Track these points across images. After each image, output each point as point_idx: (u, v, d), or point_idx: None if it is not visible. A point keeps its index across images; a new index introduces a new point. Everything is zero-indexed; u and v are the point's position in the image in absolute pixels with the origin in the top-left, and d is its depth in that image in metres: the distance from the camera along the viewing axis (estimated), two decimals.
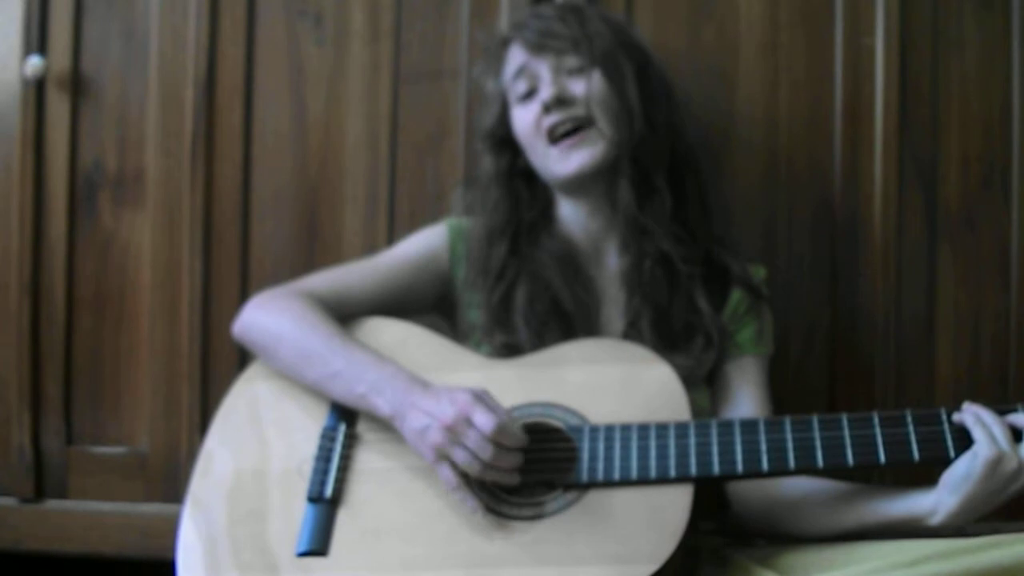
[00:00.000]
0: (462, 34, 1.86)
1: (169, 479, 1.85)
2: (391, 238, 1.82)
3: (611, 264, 1.62)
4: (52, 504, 1.88)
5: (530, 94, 1.59)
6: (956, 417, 1.32)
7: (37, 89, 1.88)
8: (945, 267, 1.81)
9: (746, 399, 1.57)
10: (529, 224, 1.62)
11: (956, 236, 1.81)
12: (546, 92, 1.55)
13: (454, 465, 1.34)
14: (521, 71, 1.59)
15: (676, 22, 1.84)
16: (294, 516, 1.40)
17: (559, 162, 1.56)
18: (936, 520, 1.30)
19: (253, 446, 1.49)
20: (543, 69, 1.57)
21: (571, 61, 1.57)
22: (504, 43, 1.64)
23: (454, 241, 1.65)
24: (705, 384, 1.57)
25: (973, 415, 1.31)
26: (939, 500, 1.30)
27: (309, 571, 1.36)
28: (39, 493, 1.88)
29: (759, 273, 1.66)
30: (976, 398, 1.75)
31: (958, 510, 1.28)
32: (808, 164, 1.83)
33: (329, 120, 1.87)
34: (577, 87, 1.56)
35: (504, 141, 1.65)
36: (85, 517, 1.85)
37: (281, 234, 1.88)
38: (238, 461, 1.48)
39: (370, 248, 1.79)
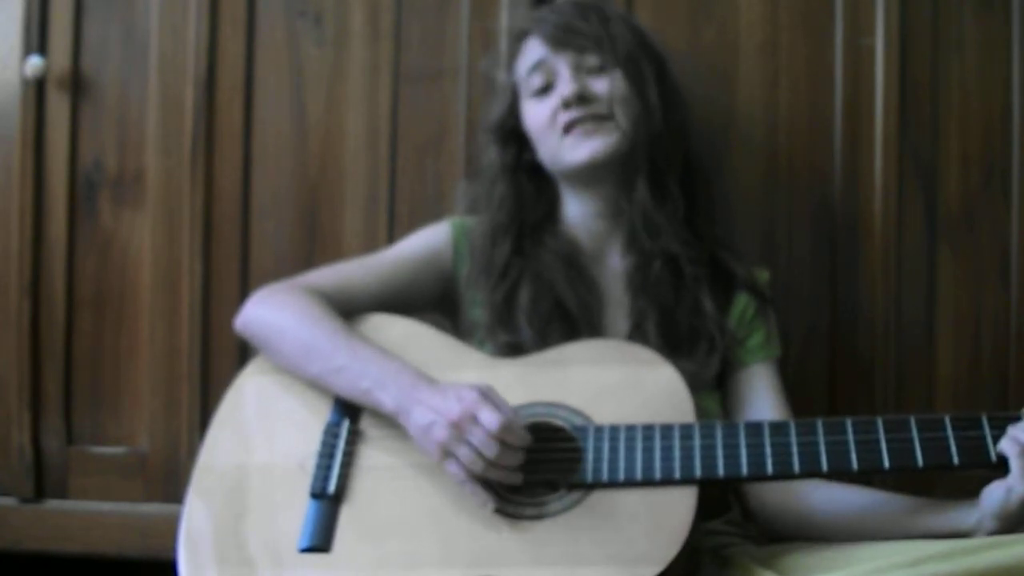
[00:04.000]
0: (462, 34, 1.86)
1: (169, 479, 1.85)
2: (391, 238, 1.82)
3: (614, 265, 1.62)
4: (52, 504, 1.88)
5: (546, 89, 1.59)
6: (1000, 448, 1.28)
7: (37, 89, 1.88)
8: (945, 267, 1.81)
9: (764, 405, 1.57)
10: (533, 223, 1.62)
11: (956, 236, 1.81)
12: (567, 88, 1.55)
13: (459, 461, 1.34)
14: (538, 65, 1.59)
15: (676, 22, 1.85)
16: (296, 512, 1.40)
17: (572, 150, 1.56)
18: (979, 535, 1.28)
19: (255, 441, 1.49)
20: (562, 65, 1.57)
21: (591, 59, 1.57)
22: (521, 35, 1.64)
23: (457, 239, 1.65)
24: (714, 389, 1.57)
25: (1018, 446, 1.26)
26: (981, 521, 1.29)
27: (311, 567, 1.35)
28: (39, 493, 1.88)
29: (762, 276, 1.66)
30: (976, 398, 1.76)
31: (999, 531, 1.27)
32: (808, 164, 1.83)
33: (329, 120, 1.88)
34: (598, 85, 1.56)
35: (512, 133, 1.65)
36: (85, 517, 1.85)
37: (281, 234, 1.88)
38: (240, 456, 1.48)
39: (370, 248, 1.78)
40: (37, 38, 1.88)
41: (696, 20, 1.84)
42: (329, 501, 1.40)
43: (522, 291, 1.57)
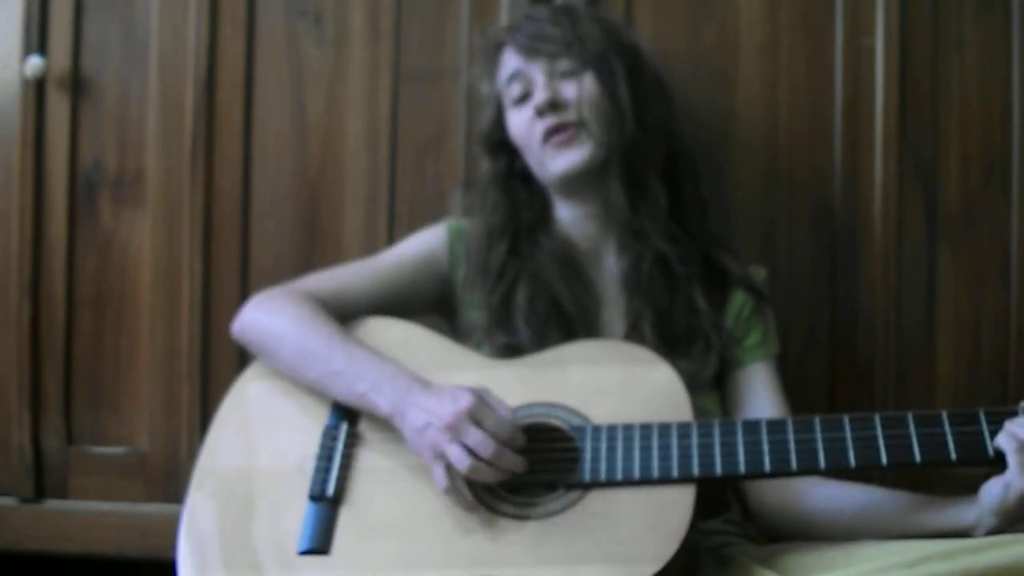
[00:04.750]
0: (462, 34, 1.86)
1: (169, 479, 1.85)
2: (391, 238, 1.83)
3: (610, 265, 1.62)
4: (52, 504, 1.88)
5: (524, 98, 1.59)
6: (997, 443, 1.28)
7: (37, 89, 1.88)
8: (945, 267, 1.81)
9: (762, 404, 1.57)
10: (528, 225, 1.62)
11: (956, 236, 1.81)
12: (539, 96, 1.56)
13: (449, 465, 1.34)
14: (515, 75, 1.60)
15: (676, 23, 1.85)
16: (295, 514, 1.40)
17: (551, 160, 1.57)
18: (979, 533, 1.29)
19: (254, 444, 1.50)
20: (536, 73, 1.58)
21: (564, 64, 1.57)
22: (498, 47, 1.65)
23: (453, 242, 1.66)
24: (712, 388, 1.57)
25: (1015, 442, 1.26)
26: (980, 517, 1.29)
27: (311, 569, 1.35)
28: (39, 493, 1.88)
29: (760, 274, 1.66)
30: (976, 398, 1.76)
31: (999, 528, 1.27)
32: (808, 164, 1.83)
33: (329, 120, 1.88)
34: (569, 90, 1.56)
35: (500, 144, 1.66)
36: (85, 517, 1.86)
37: (281, 234, 1.88)
38: (239, 459, 1.48)
39: (370, 248, 1.79)
40: (37, 38, 1.88)
41: (696, 20, 1.84)
42: (328, 503, 1.40)
43: (519, 292, 1.57)
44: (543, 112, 1.55)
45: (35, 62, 1.85)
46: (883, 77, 1.80)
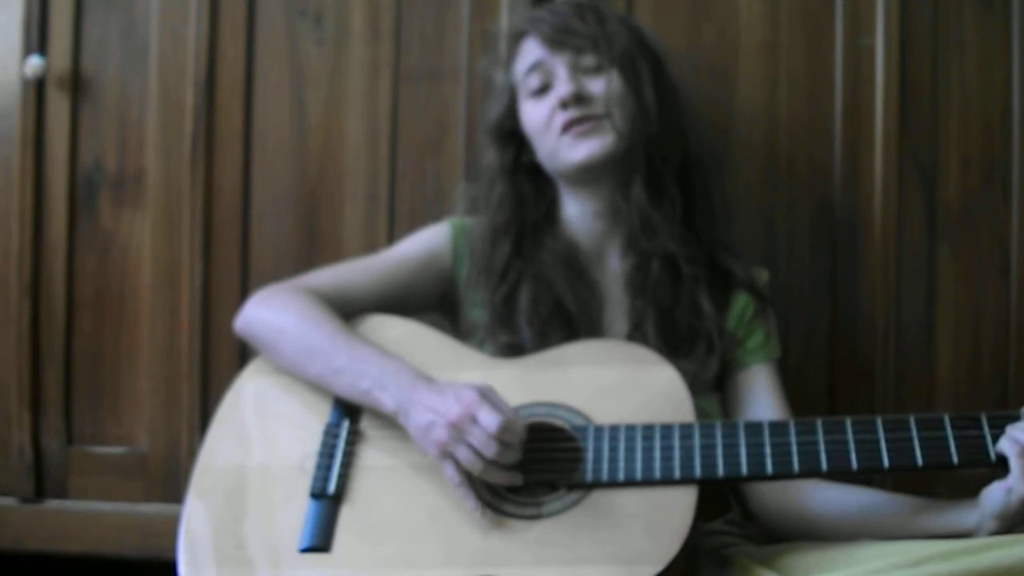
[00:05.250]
0: (462, 34, 1.86)
1: (169, 479, 1.85)
2: (391, 238, 1.83)
3: (613, 266, 1.62)
4: (52, 504, 1.88)
5: (543, 89, 1.59)
6: (999, 448, 1.28)
7: (37, 89, 1.88)
8: (945, 267, 1.81)
9: (763, 407, 1.57)
10: (533, 224, 1.62)
11: (956, 236, 1.81)
12: (564, 88, 1.55)
13: (458, 462, 1.34)
14: (536, 66, 1.59)
15: (676, 22, 1.85)
16: (296, 512, 1.40)
17: (569, 150, 1.56)
18: (980, 535, 1.28)
19: (255, 442, 1.49)
20: (559, 66, 1.57)
21: (588, 60, 1.57)
22: (518, 36, 1.64)
23: (457, 240, 1.66)
24: (713, 390, 1.57)
25: (1017, 446, 1.26)
26: (982, 521, 1.29)
27: (311, 567, 1.35)
28: (39, 493, 1.89)
29: (762, 276, 1.66)
30: (976, 399, 1.76)
31: (1000, 531, 1.27)
32: (808, 164, 1.83)
33: (329, 120, 1.88)
34: (595, 86, 1.56)
35: (510, 135, 1.65)
36: (85, 517, 1.86)
37: (281, 234, 1.88)
38: (240, 456, 1.48)
39: (370, 248, 1.78)
40: (37, 38, 1.88)
41: (696, 20, 1.84)
42: (329, 501, 1.40)
43: (522, 292, 1.57)
44: (567, 104, 1.55)
45: (35, 62, 1.85)
46: (883, 77, 1.80)
